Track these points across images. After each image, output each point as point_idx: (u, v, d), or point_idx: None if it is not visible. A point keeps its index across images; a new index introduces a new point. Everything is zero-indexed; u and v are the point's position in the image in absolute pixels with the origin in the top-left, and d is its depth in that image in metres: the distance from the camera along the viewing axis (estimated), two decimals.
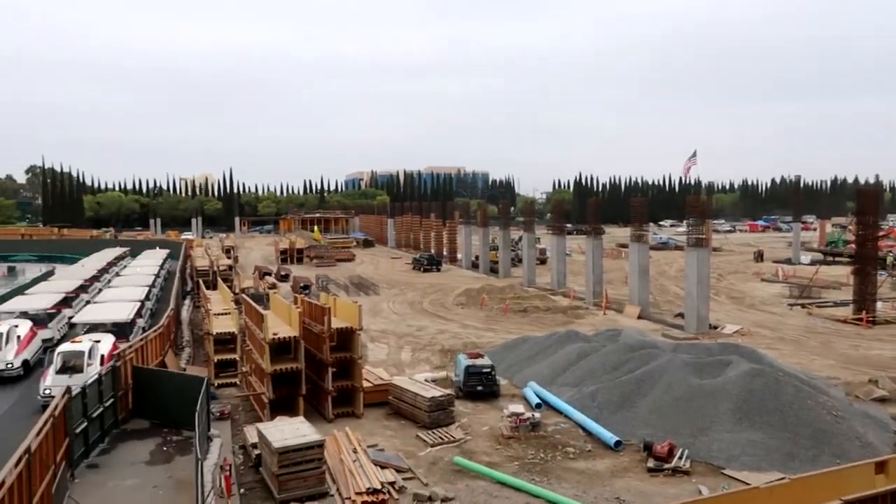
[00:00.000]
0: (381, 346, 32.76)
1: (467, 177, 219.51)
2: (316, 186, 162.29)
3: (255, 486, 16.82)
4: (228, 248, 70.70)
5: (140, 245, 75.49)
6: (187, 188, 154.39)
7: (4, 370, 25.61)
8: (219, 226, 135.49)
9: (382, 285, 54.64)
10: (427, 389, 21.74)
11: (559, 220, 55.24)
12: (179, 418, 19.89)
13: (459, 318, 40.67)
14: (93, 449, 18.44)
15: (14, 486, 11.39)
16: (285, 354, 22.18)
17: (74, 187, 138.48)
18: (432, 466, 17.93)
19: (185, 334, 35.37)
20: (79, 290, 39.62)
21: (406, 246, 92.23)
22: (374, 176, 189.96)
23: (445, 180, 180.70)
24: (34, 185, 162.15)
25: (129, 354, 21.93)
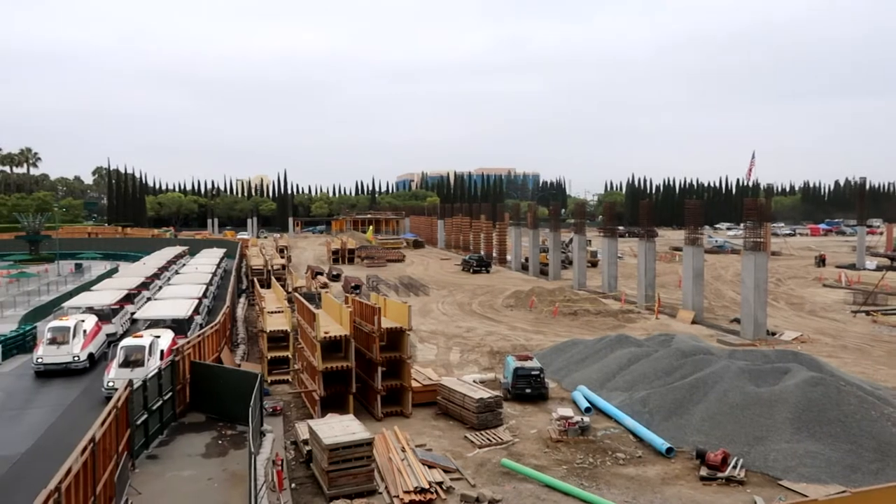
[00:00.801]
0: (430, 347, 32.93)
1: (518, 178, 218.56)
2: (367, 187, 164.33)
3: (305, 482, 17.14)
4: (282, 248, 72.15)
5: (198, 244, 77.68)
6: (243, 189, 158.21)
7: (72, 362, 26.75)
8: (273, 226, 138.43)
9: (432, 286, 54.89)
10: (475, 391, 21.77)
11: (611, 222, 54.48)
12: (234, 413, 20.41)
13: (508, 320, 40.55)
14: (152, 440, 19.07)
15: (80, 474, 11.88)
16: (336, 353, 22.53)
17: (137, 188, 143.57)
18: (480, 468, 17.95)
19: (240, 331, 36.25)
20: (141, 288, 40.99)
21: (456, 247, 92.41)
22: (425, 177, 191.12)
23: (496, 181, 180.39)
24: (100, 185, 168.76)
25: (188, 350, 22.60)
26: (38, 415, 22.00)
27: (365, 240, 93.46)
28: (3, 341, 29.82)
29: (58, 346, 26.92)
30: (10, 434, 20.11)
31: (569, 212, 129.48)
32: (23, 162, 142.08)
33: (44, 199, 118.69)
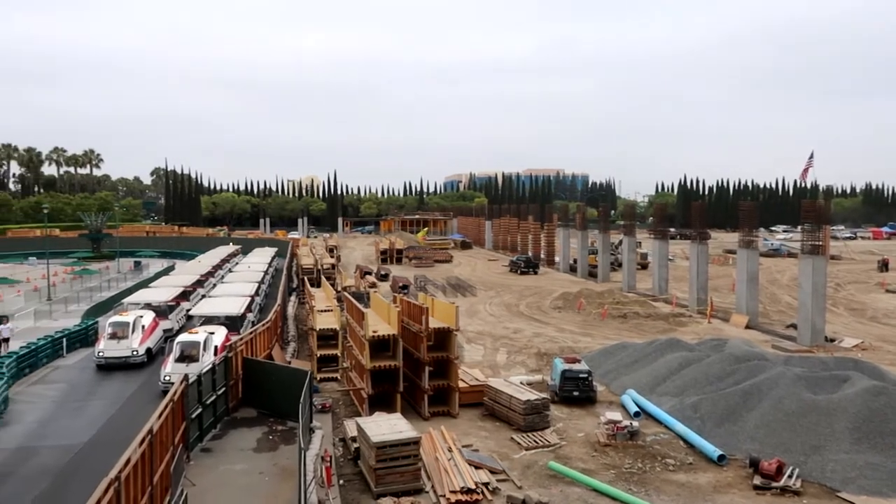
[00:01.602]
0: (478, 348, 32.94)
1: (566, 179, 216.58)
2: (415, 188, 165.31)
3: (353, 479, 17.37)
4: (332, 248, 73.22)
5: (250, 243, 79.46)
6: (294, 189, 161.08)
7: (130, 356, 27.70)
8: (323, 226, 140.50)
9: (479, 287, 54.88)
10: (522, 392, 21.69)
11: (662, 223, 53.53)
12: (284, 409, 20.81)
13: (556, 322, 40.25)
14: (206, 434, 19.59)
15: (138, 464, 12.30)
16: (384, 352, 22.75)
17: (193, 188, 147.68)
18: (526, 470, 17.88)
19: (290, 329, 36.94)
20: (195, 285, 42.08)
21: (503, 248, 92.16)
22: (473, 178, 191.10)
23: (544, 182, 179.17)
24: (158, 186, 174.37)
25: (240, 346, 23.13)
26: (100, 406, 22.86)
27: (414, 240, 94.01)
28: (68, 335, 31.07)
29: (118, 341, 27.91)
30: (73, 424, 20.96)
31: (618, 213, 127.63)
32: (86, 163, 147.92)
33: (105, 198, 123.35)
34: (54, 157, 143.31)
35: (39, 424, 21.06)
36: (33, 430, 20.56)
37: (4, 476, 16.98)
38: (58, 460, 17.94)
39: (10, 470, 17.37)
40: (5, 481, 16.69)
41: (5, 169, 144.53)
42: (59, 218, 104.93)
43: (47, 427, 20.87)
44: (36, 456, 18.35)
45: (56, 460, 17.94)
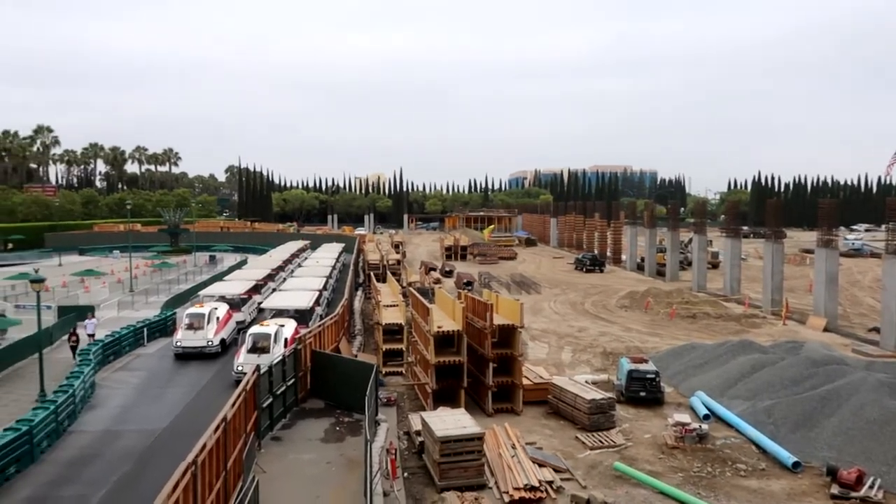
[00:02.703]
0: (542, 345, 32.75)
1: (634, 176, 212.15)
2: (480, 185, 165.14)
3: (417, 472, 17.60)
4: (397, 244, 74.06)
5: (319, 239, 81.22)
6: (361, 186, 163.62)
7: (206, 347, 28.85)
8: (389, 222, 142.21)
9: (544, 284, 54.50)
10: (588, 391, 21.46)
11: (734, 221, 51.82)
12: (350, 401, 21.25)
13: (622, 321, 39.58)
14: (276, 423, 20.23)
15: (213, 450, 12.84)
16: (448, 347, 22.92)
17: (265, 185, 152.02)
18: (591, 470, 17.70)
19: (356, 323, 37.62)
20: (267, 279, 43.37)
21: (569, 245, 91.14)
22: (538, 175, 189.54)
23: (611, 179, 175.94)
24: (232, 182, 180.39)
25: (309, 339, 23.74)
26: (177, 394, 23.93)
27: (479, 237, 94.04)
28: (148, 325, 32.62)
29: (194, 332, 29.12)
30: (153, 410, 22.02)
31: (688, 211, 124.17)
32: (165, 161, 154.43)
33: (183, 195, 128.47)
34: (136, 156, 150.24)
35: (122, 409, 22.24)
36: (117, 414, 21.73)
37: (92, 457, 18.03)
38: (139, 443, 18.90)
39: (97, 451, 18.43)
40: (92, 462, 17.72)
41: (92, 167, 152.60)
42: (141, 213, 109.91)
43: (130, 412, 22.02)
44: (120, 439, 19.40)
45: (138, 443, 18.91)
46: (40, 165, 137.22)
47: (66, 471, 17.15)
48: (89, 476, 16.82)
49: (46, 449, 18.25)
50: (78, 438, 19.46)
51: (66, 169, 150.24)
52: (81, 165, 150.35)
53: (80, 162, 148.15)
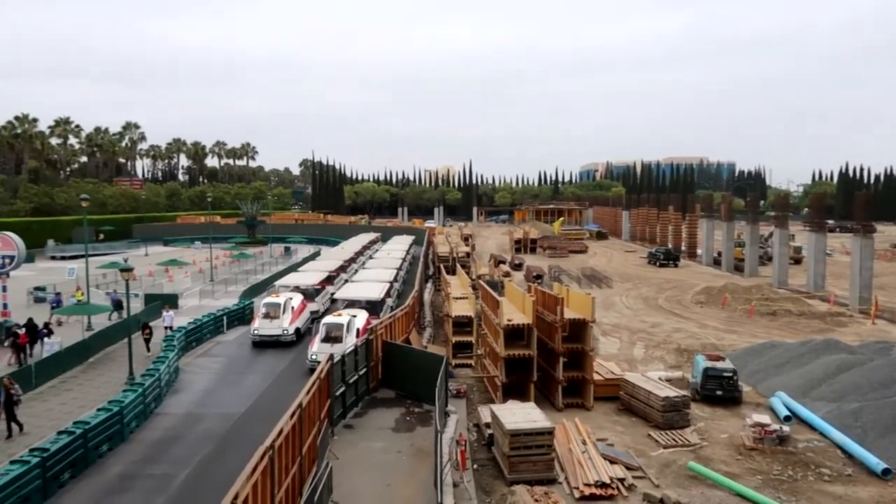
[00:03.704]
0: (613, 341, 32.21)
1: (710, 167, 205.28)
2: (550, 177, 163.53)
3: (486, 464, 17.64)
4: (467, 237, 74.20)
5: (389, 231, 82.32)
6: (431, 179, 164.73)
7: (281, 335, 29.76)
8: (458, 215, 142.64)
9: (615, 278, 53.51)
10: (661, 388, 20.99)
11: (819, 215, 49.49)
12: (420, 392, 21.51)
13: (698, 317, 38.44)
14: (349, 412, 20.68)
15: (289, 435, 13.27)
16: (518, 341, 22.84)
17: (337, 178, 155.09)
18: (664, 468, 17.31)
19: (426, 315, 37.96)
20: (339, 270, 44.29)
21: (641, 239, 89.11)
22: (610, 167, 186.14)
23: (686, 171, 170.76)
24: (306, 176, 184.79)
25: (380, 330, 24.14)
26: (254, 380, 24.81)
27: (549, 230, 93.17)
28: (228, 314, 33.90)
29: (270, 320, 30.07)
30: (233, 395, 22.91)
31: (768, 203, 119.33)
32: (243, 155, 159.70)
33: (259, 188, 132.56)
34: (216, 151, 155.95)
35: (204, 393, 23.24)
36: (199, 398, 22.72)
37: (176, 438, 18.93)
38: (220, 427, 19.71)
39: (181, 433, 19.33)
40: (176, 443, 18.60)
41: (176, 161, 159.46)
42: (220, 206, 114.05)
43: (210, 396, 22.99)
44: (202, 422, 20.28)
45: (218, 427, 19.72)
46: (128, 160, 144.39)
47: (153, 450, 18.07)
48: (174, 456, 17.67)
49: (135, 429, 19.28)
50: (163, 420, 20.46)
51: (151, 163, 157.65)
52: (165, 160, 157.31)
53: (164, 157, 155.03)
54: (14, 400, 18.95)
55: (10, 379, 19.42)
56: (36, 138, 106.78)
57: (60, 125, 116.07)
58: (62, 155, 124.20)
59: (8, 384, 19.02)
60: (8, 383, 19.07)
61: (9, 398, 18.79)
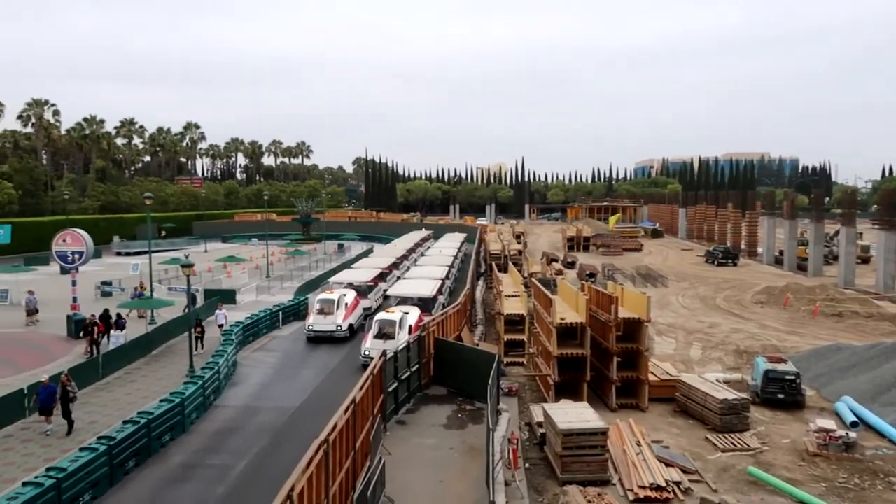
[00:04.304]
0: (669, 341, 31.55)
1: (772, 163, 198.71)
2: (604, 174, 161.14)
3: (538, 463, 17.52)
4: (519, 234, 73.83)
5: (441, 229, 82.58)
6: (483, 176, 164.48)
7: (335, 331, 30.20)
8: (510, 212, 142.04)
9: (671, 277, 52.38)
10: (719, 390, 20.45)
11: (888, 212, 47.22)
12: (472, 389, 21.53)
13: (758, 318, 37.29)
14: (401, 407, 20.85)
15: (343, 430, 13.45)
16: (571, 339, 22.61)
17: (389, 176, 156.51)
18: (722, 473, 16.86)
19: (478, 313, 37.87)
20: (391, 267, 44.61)
21: (698, 237, 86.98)
22: (666, 163, 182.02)
23: (746, 167, 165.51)
24: (359, 174, 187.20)
25: (432, 327, 24.24)
26: (309, 374, 25.25)
27: (603, 227, 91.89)
28: (283, 309, 34.60)
29: (324, 317, 30.55)
30: (288, 389, 23.37)
31: (834, 200, 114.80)
32: (298, 154, 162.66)
33: (314, 186, 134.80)
34: (272, 149, 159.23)
35: (261, 387, 23.78)
36: (256, 391, 23.26)
37: (234, 430, 19.43)
38: (276, 420, 20.15)
39: (239, 425, 19.83)
40: (234, 435, 19.10)
41: (234, 160, 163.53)
42: (276, 204, 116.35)
43: (267, 390, 23.51)
44: (258, 414, 20.76)
45: (274, 420, 20.16)
46: (188, 159, 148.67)
47: (213, 441, 18.59)
48: (232, 447, 18.14)
49: (195, 420, 19.87)
50: (222, 412, 21.03)
51: (210, 162, 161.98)
52: (224, 159, 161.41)
53: (222, 155, 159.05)
54: (70, 397, 19.17)
55: (67, 376, 19.68)
56: (103, 139, 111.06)
57: (125, 126, 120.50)
58: (127, 154, 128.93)
59: (65, 381, 19.28)
60: (66, 380, 19.33)
61: (65, 394, 19.04)
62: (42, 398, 19.05)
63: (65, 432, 18.94)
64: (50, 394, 19.01)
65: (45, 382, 19.26)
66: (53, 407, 19.03)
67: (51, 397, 19.00)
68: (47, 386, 19.16)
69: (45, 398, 19.00)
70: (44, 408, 19.03)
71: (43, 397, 19.03)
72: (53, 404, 19.02)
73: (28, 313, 34.24)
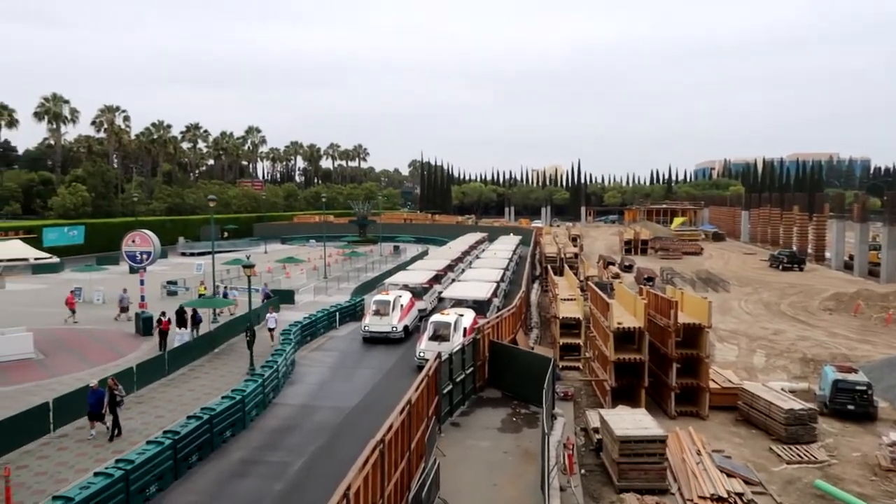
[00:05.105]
0: (731, 347, 30.65)
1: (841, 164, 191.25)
2: (663, 176, 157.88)
3: (594, 470, 17.27)
4: (575, 237, 72.98)
5: (496, 231, 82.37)
6: (538, 179, 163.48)
7: (391, 332, 30.47)
8: (566, 215, 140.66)
9: (733, 282, 50.86)
10: (784, 400, 19.75)
11: None
12: (527, 393, 21.38)
13: (826, 325, 35.84)
14: (455, 410, 20.84)
15: (398, 430, 13.54)
16: (628, 344, 22.20)
17: (445, 179, 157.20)
18: (788, 485, 16.26)
19: (533, 316, 37.63)
20: (446, 269, 44.70)
21: (762, 241, 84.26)
22: (728, 164, 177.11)
23: (813, 168, 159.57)
24: (414, 176, 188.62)
25: (487, 329, 24.15)
26: (365, 375, 25.54)
27: (661, 230, 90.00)
28: (340, 310, 35.12)
29: (380, 317, 30.85)
30: (345, 389, 23.70)
31: None
32: (355, 157, 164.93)
33: (370, 189, 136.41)
34: (330, 152, 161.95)
35: (318, 386, 24.18)
36: (313, 390, 23.67)
37: (292, 428, 19.82)
38: (332, 419, 20.46)
39: (297, 423, 20.22)
40: (292, 432, 19.47)
41: (293, 163, 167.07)
42: (333, 206, 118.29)
43: (324, 389, 23.89)
44: (316, 413, 21.12)
45: (331, 419, 20.47)
46: (250, 162, 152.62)
47: (271, 438, 19.01)
48: (290, 444, 18.51)
49: (255, 417, 20.36)
50: (281, 410, 21.48)
51: (270, 165, 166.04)
52: (283, 162, 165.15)
53: (282, 158, 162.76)
54: (117, 401, 18.84)
55: (114, 380, 19.35)
56: (169, 143, 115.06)
57: (190, 130, 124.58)
58: (192, 158, 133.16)
59: (112, 384, 18.98)
60: (112, 384, 19.02)
61: (112, 398, 18.71)
62: (91, 402, 18.75)
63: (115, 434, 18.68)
64: (98, 398, 18.73)
65: (94, 386, 18.98)
66: (103, 412, 18.77)
67: (99, 402, 18.73)
68: (96, 390, 18.88)
69: (93, 402, 18.73)
70: (92, 412, 18.75)
71: (91, 402, 18.74)
72: (102, 409, 18.75)
73: (121, 310, 35.74)
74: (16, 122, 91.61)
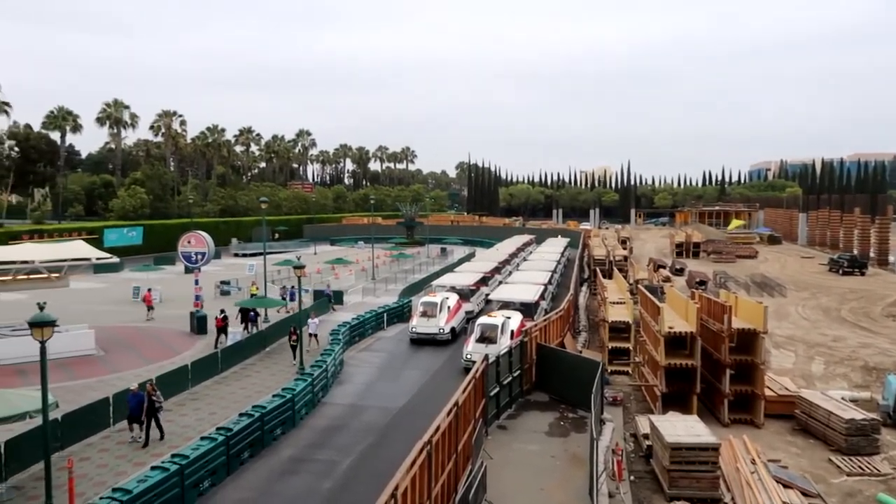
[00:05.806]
0: (787, 354, 29.72)
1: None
2: (716, 177, 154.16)
3: (644, 476, 16.97)
4: (624, 239, 71.91)
5: (544, 233, 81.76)
6: (586, 180, 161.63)
7: (438, 334, 30.55)
8: (615, 217, 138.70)
9: (789, 286, 49.26)
10: (844, 409, 19.05)
11: None
12: (575, 397, 21.16)
13: (889, 332, 34.42)
14: (502, 412, 20.78)
15: (446, 432, 13.58)
16: (680, 349, 21.74)
17: (492, 180, 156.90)
18: (848, 498, 15.68)
19: (581, 319, 37.23)
20: (494, 271, 44.57)
21: (820, 244, 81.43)
22: (784, 165, 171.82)
23: (876, 169, 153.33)
24: (461, 178, 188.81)
25: (534, 332, 24.00)
26: (412, 376, 25.67)
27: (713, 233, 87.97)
28: (388, 311, 35.39)
29: (427, 319, 30.96)
30: (392, 389, 23.88)
31: None
32: (403, 159, 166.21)
33: (418, 190, 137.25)
34: (378, 155, 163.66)
35: (366, 386, 24.42)
36: (361, 390, 23.91)
37: (340, 427, 20.06)
38: (380, 419, 20.63)
39: (345, 423, 20.46)
40: (341, 432, 19.71)
41: (342, 165, 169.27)
42: (381, 208, 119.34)
43: (372, 389, 24.12)
44: (363, 413, 21.33)
45: (379, 419, 20.65)
46: (300, 165, 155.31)
47: (320, 437, 19.28)
48: (339, 443, 18.74)
49: (304, 416, 20.68)
50: (329, 409, 21.77)
51: (320, 168, 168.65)
52: (333, 164, 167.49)
53: (331, 161, 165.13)
54: (156, 406, 18.63)
55: (152, 385, 19.08)
56: (223, 147, 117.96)
57: (243, 134, 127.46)
58: (245, 161, 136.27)
59: (151, 390, 18.75)
60: (151, 389, 18.79)
61: (151, 404, 18.46)
62: (131, 406, 18.61)
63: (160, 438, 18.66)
64: (139, 402, 18.49)
65: (134, 390, 18.94)
66: (141, 417, 18.50)
67: (139, 405, 18.46)
68: (136, 394, 18.76)
69: (133, 405, 18.55)
70: (132, 416, 18.61)
71: (132, 405, 18.58)
72: (141, 414, 18.47)
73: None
74: (79, 128, 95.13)
